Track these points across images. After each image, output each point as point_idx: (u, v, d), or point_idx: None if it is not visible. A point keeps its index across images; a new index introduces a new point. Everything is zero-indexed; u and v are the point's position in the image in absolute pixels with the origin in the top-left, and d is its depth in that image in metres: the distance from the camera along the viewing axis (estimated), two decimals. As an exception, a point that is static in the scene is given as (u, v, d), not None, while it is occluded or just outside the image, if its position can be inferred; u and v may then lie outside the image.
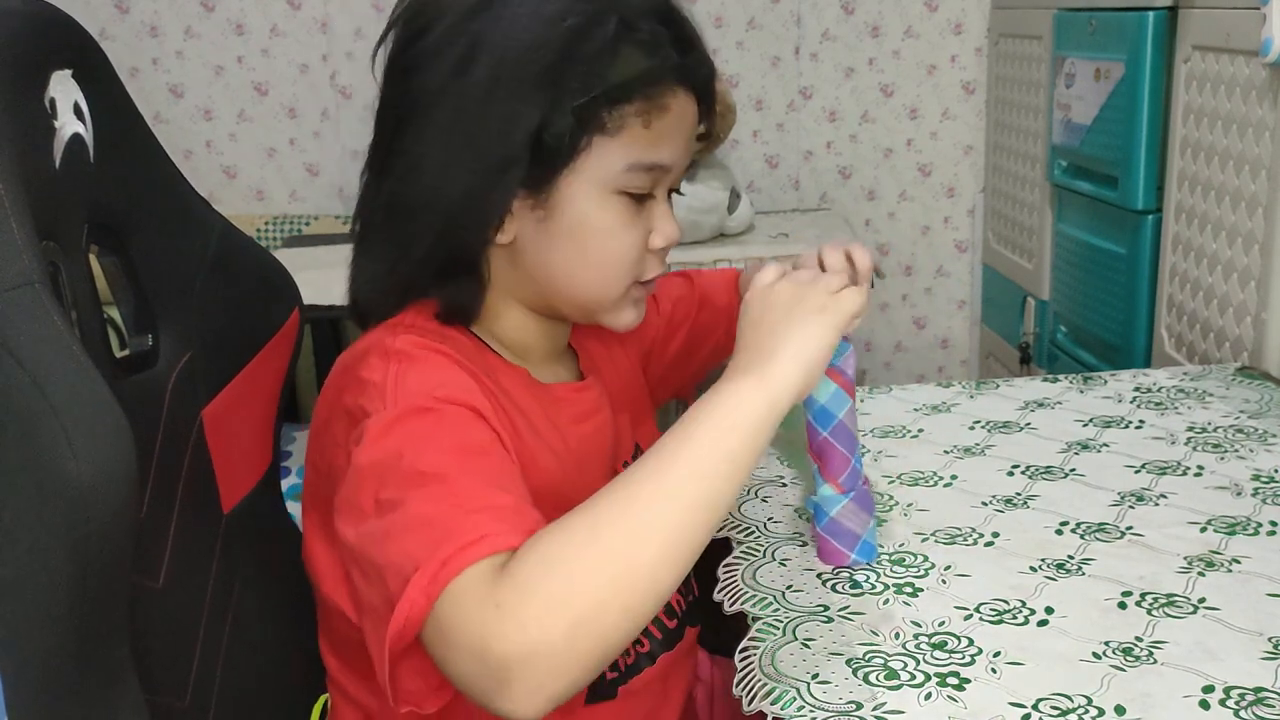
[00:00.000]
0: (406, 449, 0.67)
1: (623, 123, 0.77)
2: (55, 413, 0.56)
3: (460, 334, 0.82)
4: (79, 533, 0.56)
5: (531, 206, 0.78)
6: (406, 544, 0.62)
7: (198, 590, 0.79)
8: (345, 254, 0.86)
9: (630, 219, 0.80)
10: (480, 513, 0.63)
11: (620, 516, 0.62)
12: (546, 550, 0.60)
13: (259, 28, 2.52)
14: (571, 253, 0.80)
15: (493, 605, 0.58)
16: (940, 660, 0.74)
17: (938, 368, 2.75)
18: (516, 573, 0.59)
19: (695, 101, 0.81)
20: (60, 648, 0.58)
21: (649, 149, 0.78)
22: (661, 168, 0.80)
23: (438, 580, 0.59)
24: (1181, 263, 1.53)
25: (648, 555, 0.61)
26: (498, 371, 0.82)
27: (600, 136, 0.76)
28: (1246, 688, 0.70)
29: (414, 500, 0.64)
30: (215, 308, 0.85)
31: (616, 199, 0.79)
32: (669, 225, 0.83)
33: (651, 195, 0.81)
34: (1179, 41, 1.54)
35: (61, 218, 0.67)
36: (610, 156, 0.77)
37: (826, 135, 2.59)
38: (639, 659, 0.88)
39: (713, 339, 1.07)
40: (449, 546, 0.60)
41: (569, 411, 0.86)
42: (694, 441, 0.65)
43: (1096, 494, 0.98)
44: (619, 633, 0.60)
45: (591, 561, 0.60)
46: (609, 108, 0.76)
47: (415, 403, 0.70)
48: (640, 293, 0.85)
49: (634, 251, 0.81)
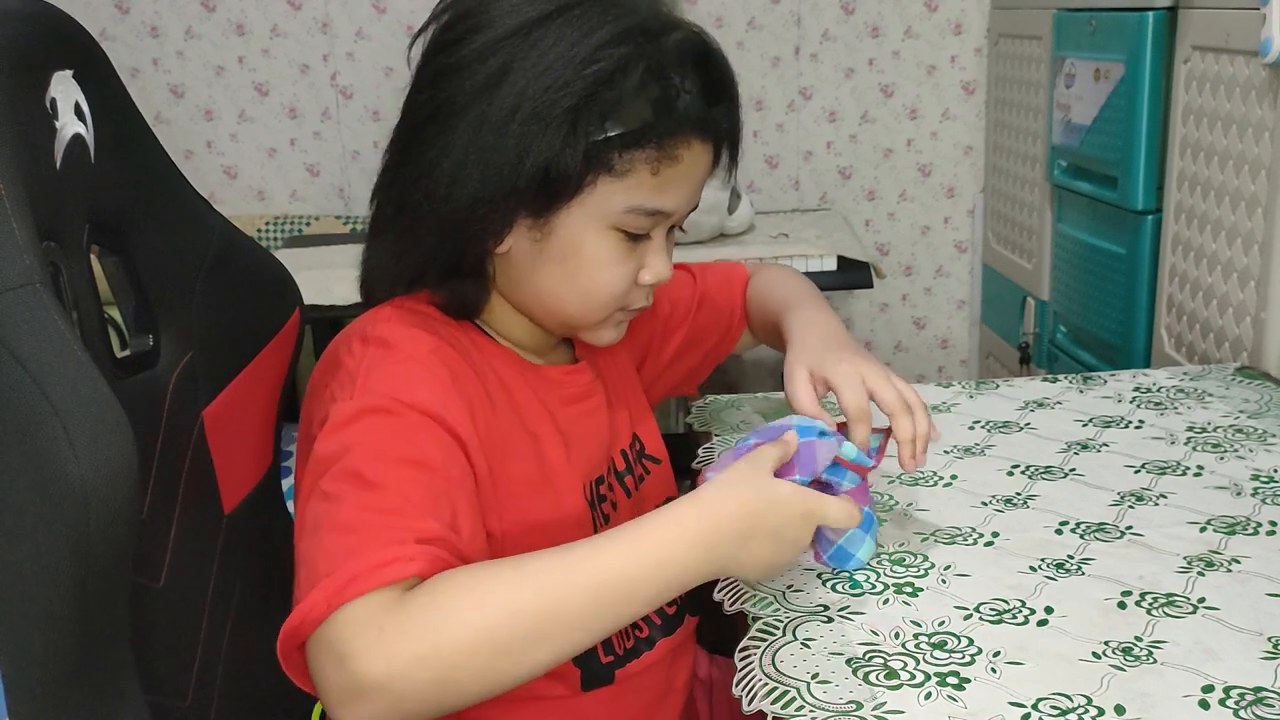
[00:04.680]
0: (355, 447, 0.69)
1: (631, 167, 0.77)
2: (56, 413, 0.56)
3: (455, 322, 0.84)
4: (80, 533, 0.57)
5: (529, 227, 0.79)
6: (326, 544, 0.65)
7: (198, 590, 0.80)
8: (345, 254, 0.87)
9: (623, 255, 0.81)
10: (402, 532, 0.65)
11: (517, 592, 0.64)
12: (443, 599, 0.63)
13: (259, 28, 2.52)
14: (560, 275, 0.81)
15: (375, 628, 0.61)
16: (940, 660, 0.74)
17: (938, 368, 2.75)
18: (409, 607, 0.62)
19: (712, 151, 0.82)
20: (61, 648, 0.58)
21: (652, 195, 0.79)
22: (662, 214, 0.81)
23: (341, 594, 0.62)
24: (1181, 263, 1.53)
25: (529, 639, 0.64)
26: (485, 350, 0.84)
27: (606, 176, 0.77)
28: (1246, 687, 0.70)
29: (346, 501, 0.67)
30: (216, 308, 0.85)
31: (612, 234, 0.80)
32: (660, 264, 0.84)
33: (648, 235, 0.83)
34: (1179, 42, 1.54)
35: (62, 218, 0.68)
36: (613, 197, 0.78)
37: (826, 135, 2.59)
38: (638, 643, 0.88)
39: (710, 339, 1.07)
40: (360, 563, 0.63)
41: (560, 393, 0.87)
42: (618, 563, 0.67)
43: (1096, 494, 0.98)
44: (475, 695, 0.64)
45: (475, 625, 0.62)
46: (620, 151, 0.77)
47: (377, 401, 0.72)
48: (623, 317, 0.87)
49: (621, 284, 0.82)
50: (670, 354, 1.05)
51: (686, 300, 1.06)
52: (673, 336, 1.05)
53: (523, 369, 0.85)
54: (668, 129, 0.77)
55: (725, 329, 1.07)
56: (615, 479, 0.92)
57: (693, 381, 1.13)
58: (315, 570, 0.64)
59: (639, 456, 0.96)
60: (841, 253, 2.02)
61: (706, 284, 1.07)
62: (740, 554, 0.72)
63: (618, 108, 0.75)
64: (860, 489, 0.84)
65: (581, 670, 0.85)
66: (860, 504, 0.84)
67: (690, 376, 1.10)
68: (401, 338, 0.78)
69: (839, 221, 2.37)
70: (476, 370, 0.81)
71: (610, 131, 0.76)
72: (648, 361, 1.04)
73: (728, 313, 1.07)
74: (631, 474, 0.94)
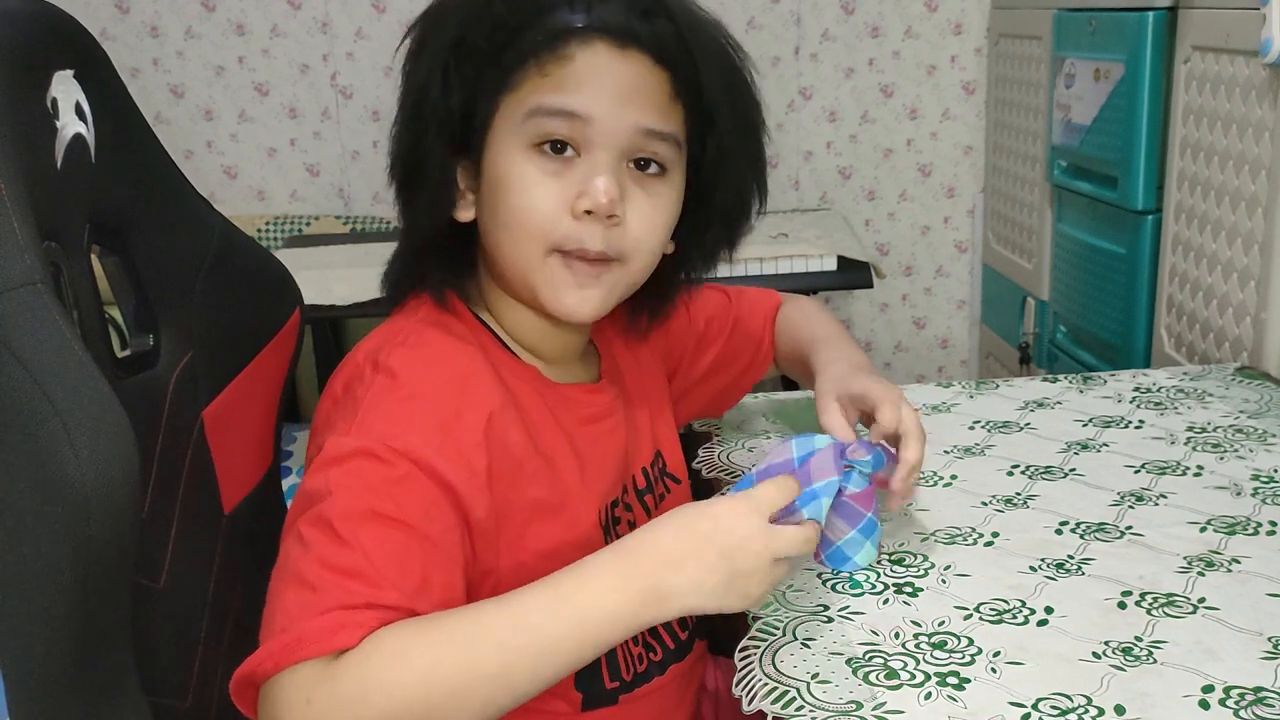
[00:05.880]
0: (336, 491, 0.69)
1: (523, 76, 0.77)
2: (57, 413, 0.56)
3: (475, 332, 0.83)
4: (81, 533, 0.57)
5: (469, 179, 0.81)
6: (287, 598, 0.66)
7: (199, 591, 0.80)
8: (345, 254, 0.87)
9: (545, 176, 0.77)
10: (356, 597, 0.65)
11: (435, 651, 0.64)
12: (367, 666, 0.62)
13: (259, 28, 2.52)
14: (498, 222, 0.79)
15: (304, 700, 0.62)
16: (940, 660, 0.74)
17: (938, 368, 2.75)
18: (337, 675, 0.62)
19: (642, 57, 0.77)
20: (61, 648, 0.58)
21: (549, 95, 0.76)
22: (570, 114, 0.76)
23: (288, 655, 0.63)
24: (1181, 263, 1.53)
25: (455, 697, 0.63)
26: (504, 370, 0.81)
27: (506, 95, 0.78)
28: (1246, 687, 0.70)
29: (313, 551, 0.67)
30: (216, 308, 0.85)
31: (533, 155, 0.77)
32: (595, 187, 0.76)
33: (578, 154, 0.77)
34: (1179, 42, 1.55)
35: (63, 218, 0.68)
36: (513, 110, 0.78)
37: (826, 135, 2.59)
38: (650, 667, 0.87)
39: (739, 364, 1.06)
40: (308, 626, 0.63)
41: (578, 413, 0.86)
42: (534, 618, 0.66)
43: (1096, 494, 0.98)
44: None
45: (398, 690, 0.62)
46: (511, 68, 0.77)
47: (369, 444, 0.71)
48: (564, 269, 0.79)
49: (543, 208, 0.77)
50: (702, 370, 1.04)
51: (721, 319, 1.05)
52: (706, 351, 1.04)
53: (541, 387, 0.84)
54: (543, 26, 0.76)
55: (753, 355, 1.06)
56: (635, 497, 0.90)
57: (720, 406, 1.12)
58: (273, 623, 0.65)
59: (660, 474, 0.94)
60: (841, 253, 2.02)
61: (741, 308, 1.06)
62: (675, 578, 0.68)
63: (492, 26, 0.77)
64: (866, 493, 0.84)
65: (583, 695, 0.83)
66: (864, 509, 0.84)
67: (717, 400, 1.10)
68: (411, 368, 0.76)
69: (839, 221, 2.37)
70: (493, 393, 0.79)
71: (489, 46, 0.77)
72: (679, 374, 1.03)
73: (758, 340, 1.06)
74: (652, 492, 0.92)
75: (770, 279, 1.97)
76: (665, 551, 0.69)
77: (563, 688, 0.82)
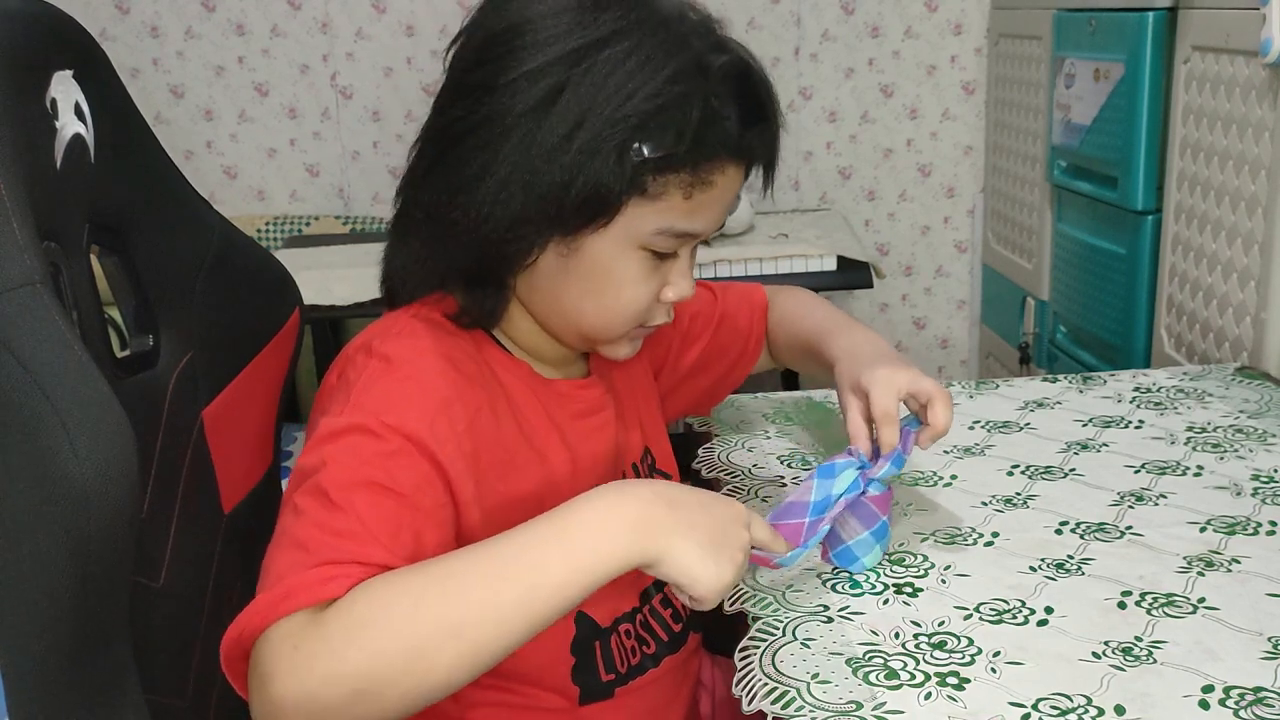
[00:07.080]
0: (330, 463, 0.69)
1: (664, 190, 0.77)
2: (57, 413, 0.56)
3: (468, 328, 0.83)
4: (80, 533, 0.57)
5: (558, 243, 0.78)
6: (279, 558, 0.66)
7: (198, 590, 0.80)
8: (345, 254, 0.87)
9: (648, 274, 0.81)
10: (345, 554, 0.65)
11: (423, 591, 0.63)
12: (354, 608, 0.62)
13: (259, 28, 2.52)
14: (584, 292, 0.80)
15: (291, 646, 0.61)
16: (940, 660, 0.74)
17: (938, 368, 2.75)
18: (325, 621, 0.62)
19: (744, 172, 0.82)
20: (61, 648, 0.58)
21: (683, 218, 0.79)
22: (691, 235, 0.81)
23: (275, 609, 0.62)
24: (1181, 263, 1.53)
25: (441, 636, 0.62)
26: (497, 366, 0.83)
27: (640, 198, 0.77)
28: (1246, 687, 0.70)
29: (306, 518, 0.67)
30: (216, 308, 0.85)
31: (640, 253, 0.80)
32: (684, 283, 0.83)
33: (674, 254, 0.82)
34: (1179, 42, 1.55)
35: (63, 218, 0.68)
36: (645, 219, 0.78)
37: (826, 135, 2.59)
38: (644, 660, 0.88)
39: (726, 360, 1.06)
40: (297, 579, 0.63)
41: (570, 407, 0.87)
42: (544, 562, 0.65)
43: (1096, 494, 0.98)
44: (398, 706, 0.62)
45: (385, 630, 0.62)
46: (655, 174, 0.76)
47: (363, 420, 0.72)
48: (641, 333, 0.86)
49: (643, 302, 0.82)
50: (688, 366, 1.05)
51: (707, 315, 1.05)
52: (691, 348, 1.04)
53: (533, 383, 0.85)
54: (704, 154, 0.76)
55: (742, 350, 1.06)
56: None
57: (707, 403, 1.13)
58: (265, 583, 0.65)
59: (650, 470, 0.95)
60: (841, 253, 2.02)
61: (727, 303, 1.07)
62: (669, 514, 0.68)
63: (659, 134, 0.75)
64: (883, 497, 0.84)
65: (580, 688, 0.84)
66: (881, 512, 0.85)
67: (705, 397, 1.10)
68: (405, 354, 0.77)
69: (839, 221, 2.37)
70: (485, 387, 0.80)
71: (648, 155, 0.75)
72: (665, 370, 1.03)
73: (745, 334, 1.06)
74: None
75: (770, 279, 1.97)
76: (660, 490, 0.70)
77: (560, 681, 0.83)
